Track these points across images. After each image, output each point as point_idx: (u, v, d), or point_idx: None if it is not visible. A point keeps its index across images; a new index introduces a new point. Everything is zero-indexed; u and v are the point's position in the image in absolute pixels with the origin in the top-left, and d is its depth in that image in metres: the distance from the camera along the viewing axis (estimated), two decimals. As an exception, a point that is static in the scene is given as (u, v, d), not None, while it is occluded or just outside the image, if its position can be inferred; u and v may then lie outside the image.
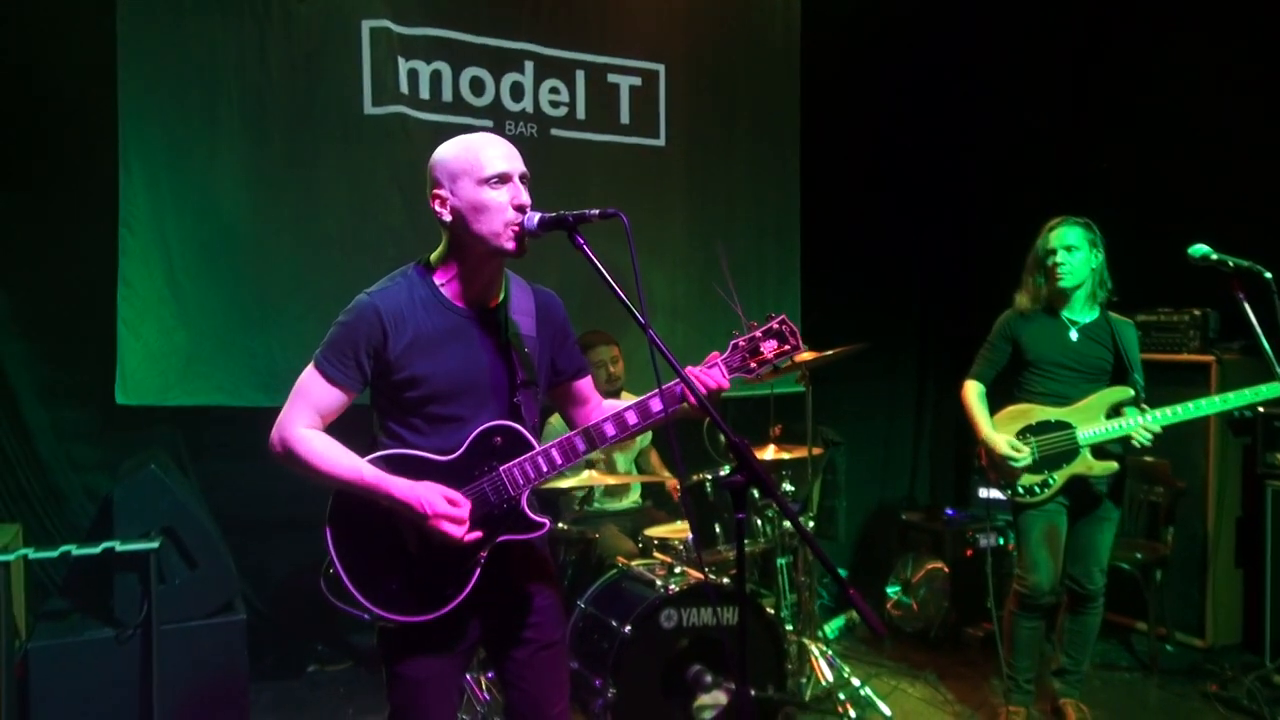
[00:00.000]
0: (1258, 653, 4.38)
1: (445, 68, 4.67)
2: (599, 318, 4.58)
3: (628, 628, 3.31)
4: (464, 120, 4.70)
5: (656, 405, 2.14)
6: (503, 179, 2.11)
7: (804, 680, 3.89)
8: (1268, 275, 2.65)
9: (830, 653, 4.00)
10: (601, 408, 2.36)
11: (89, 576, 3.58)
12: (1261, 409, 4.30)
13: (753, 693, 3.35)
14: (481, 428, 2.15)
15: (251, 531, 4.40)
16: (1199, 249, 2.87)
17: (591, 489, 4.19)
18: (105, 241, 4.07)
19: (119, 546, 3.38)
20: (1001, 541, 5.18)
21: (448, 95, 4.69)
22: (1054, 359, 3.58)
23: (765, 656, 3.48)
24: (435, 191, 2.16)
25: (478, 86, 4.76)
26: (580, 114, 5.02)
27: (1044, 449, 3.52)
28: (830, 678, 3.83)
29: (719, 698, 3.37)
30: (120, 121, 4.04)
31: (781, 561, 4.17)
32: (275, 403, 2.19)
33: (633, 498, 4.56)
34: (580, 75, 5.01)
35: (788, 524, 3.92)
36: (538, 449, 2.16)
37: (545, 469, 2.15)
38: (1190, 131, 5.02)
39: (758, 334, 2.17)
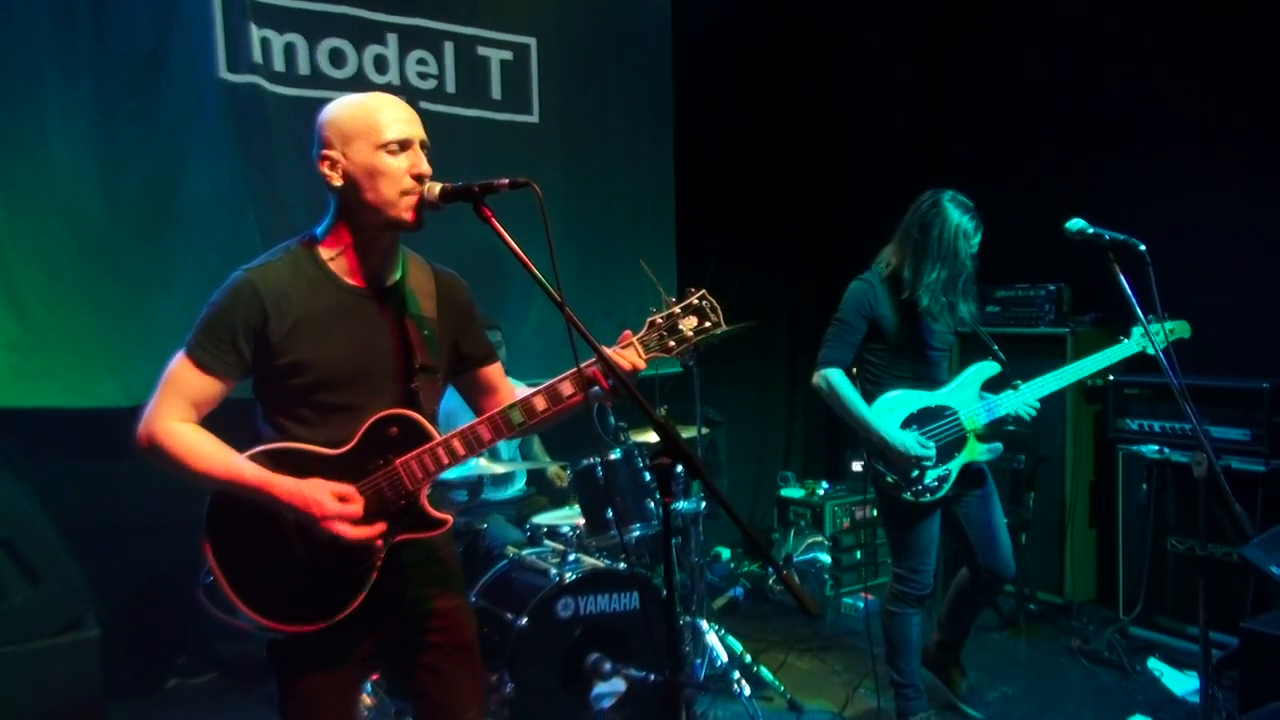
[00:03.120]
0: (1111, 607, 4.66)
1: (299, 39, 4.36)
2: (480, 302, 4.41)
3: (523, 619, 3.20)
4: (325, 94, 4.35)
5: (568, 389, 2.00)
6: (403, 145, 1.93)
7: (699, 660, 3.87)
8: (1142, 247, 2.76)
9: (721, 631, 4.00)
10: (514, 395, 2.19)
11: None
12: (1113, 376, 4.62)
13: (652, 677, 3.30)
14: (375, 418, 1.96)
15: (97, 537, 4.02)
16: (1075, 223, 2.96)
17: (481, 479, 4.04)
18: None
19: (-54, 563, 3.03)
20: (875, 513, 5.34)
21: (305, 68, 4.39)
22: (920, 338, 3.33)
23: (664, 640, 3.42)
24: (325, 152, 1.95)
25: (338, 58, 4.48)
26: (450, 88, 4.81)
27: (936, 439, 3.27)
28: (724, 656, 3.83)
29: (617, 685, 3.32)
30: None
31: (673, 542, 4.13)
32: (137, 402, 1.95)
33: (517, 486, 4.44)
34: (449, 47, 4.80)
35: (679, 505, 3.89)
36: (437, 439, 1.99)
37: (446, 461, 1.98)
38: (1047, 110, 5.26)
39: (676, 310, 2.05)
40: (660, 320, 2.05)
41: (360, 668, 2.10)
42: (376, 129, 1.92)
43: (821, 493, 5.42)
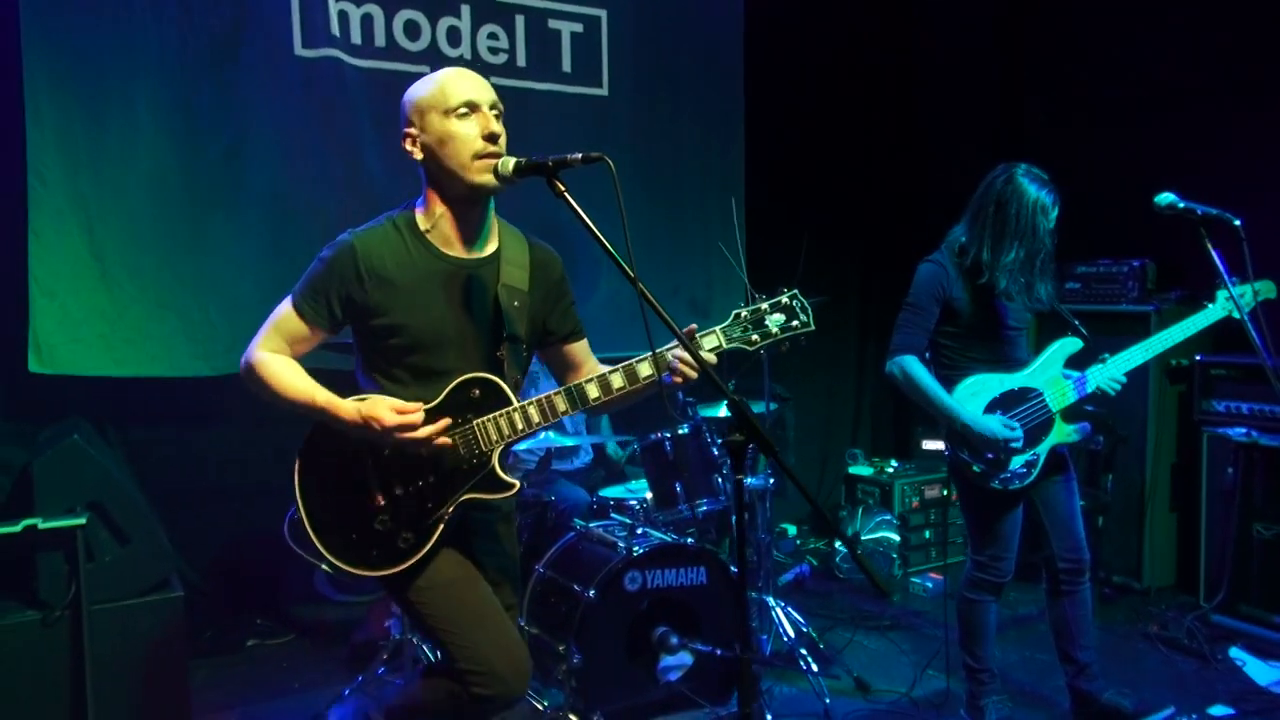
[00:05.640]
0: (1191, 593, 4.53)
1: (377, 10, 4.41)
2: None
3: (592, 591, 3.22)
4: (399, 66, 4.47)
5: (646, 370, 2.05)
6: (471, 107, 2.01)
7: (765, 636, 3.87)
8: (1237, 222, 2.65)
9: (789, 608, 3.98)
10: (597, 372, 2.23)
11: (6, 556, 3.32)
12: (1199, 356, 4.47)
13: (719, 652, 3.31)
14: (460, 379, 2.06)
15: (181, 501, 4.18)
16: (1165, 198, 2.84)
17: (548, 450, 4.08)
18: (13, 190, 3.75)
19: (41, 524, 3.15)
20: (945, 492, 5.27)
21: (381, 39, 4.44)
22: (997, 318, 3.15)
23: (731, 615, 3.44)
24: (407, 130, 2.06)
25: (412, 30, 4.52)
26: (520, 61, 4.82)
27: (1023, 423, 3.08)
28: (791, 633, 3.81)
29: (684, 659, 3.34)
30: (25, 60, 3.70)
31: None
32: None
33: (584, 458, 4.47)
34: (520, 20, 4.80)
35: (749, 481, 3.87)
36: (515, 405, 2.06)
37: (521, 426, 2.06)
38: (1128, 80, 5.07)
39: (764, 306, 2.04)
40: (745, 314, 2.04)
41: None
42: (444, 97, 2.01)
43: (891, 471, 5.35)
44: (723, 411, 4.20)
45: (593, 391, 2.05)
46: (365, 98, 4.37)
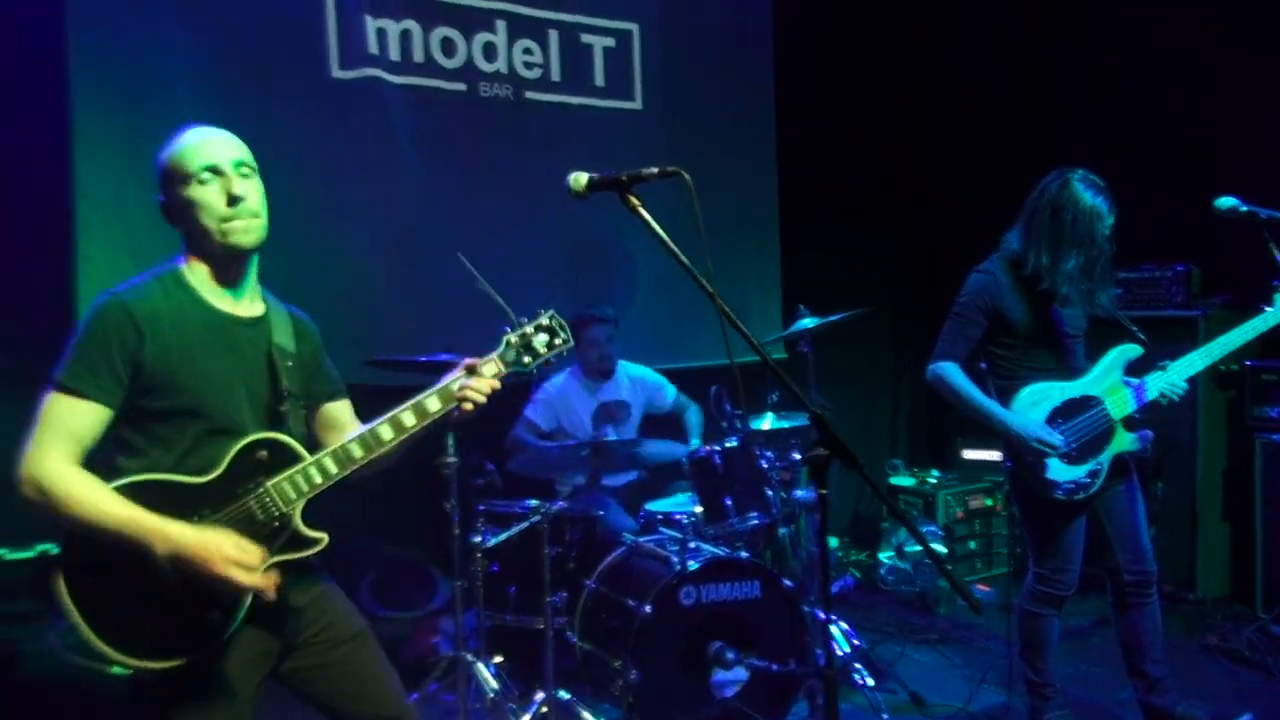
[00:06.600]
0: (1246, 603, 4.44)
1: (415, 26, 4.44)
2: (587, 287, 4.44)
3: (648, 606, 3.19)
4: (436, 83, 4.49)
5: (435, 404, 2.05)
6: (213, 171, 1.95)
7: (819, 651, 3.81)
8: (1305, 225, 2.61)
9: (841, 622, 3.94)
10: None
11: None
12: (1249, 361, 4.40)
13: (775, 667, 3.27)
14: (242, 442, 1.94)
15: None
16: (1226, 201, 2.79)
17: (597, 468, 4.05)
18: (56, 213, 3.77)
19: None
20: (990, 503, 5.22)
21: (419, 56, 4.46)
22: (1053, 326, 3.08)
23: (786, 630, 3.39)
24: (159, 198, 2.02)
25: (449, 47, 4.53)
26: (555, 76, 4.83)
27: (1084, 433, 3.04)
28: (845, 647, 3.76)
29: (740, 674, 3.30)
30: (71, 82, 3.75)
31: (784, 531, 4.09)
32: None
33: (631, 472, 4.43)
34: (554, 35, 4.81)
35: (796, 493, 3.84)
36: (308, 459, 1.98)
37: (319, 480, 1.97)
38: (1166, 82, 5.02)
39: (529, 330, 2.14)
40: (515, 340, 2.13)
41: (254, 693, 2.02)
42: (182, 165, 1.95)
43: (933, 481, 5.30)
44: (766, 424, 4.16)
45: (386, 432, 2.02)
46: (404, 115, 4.40)
